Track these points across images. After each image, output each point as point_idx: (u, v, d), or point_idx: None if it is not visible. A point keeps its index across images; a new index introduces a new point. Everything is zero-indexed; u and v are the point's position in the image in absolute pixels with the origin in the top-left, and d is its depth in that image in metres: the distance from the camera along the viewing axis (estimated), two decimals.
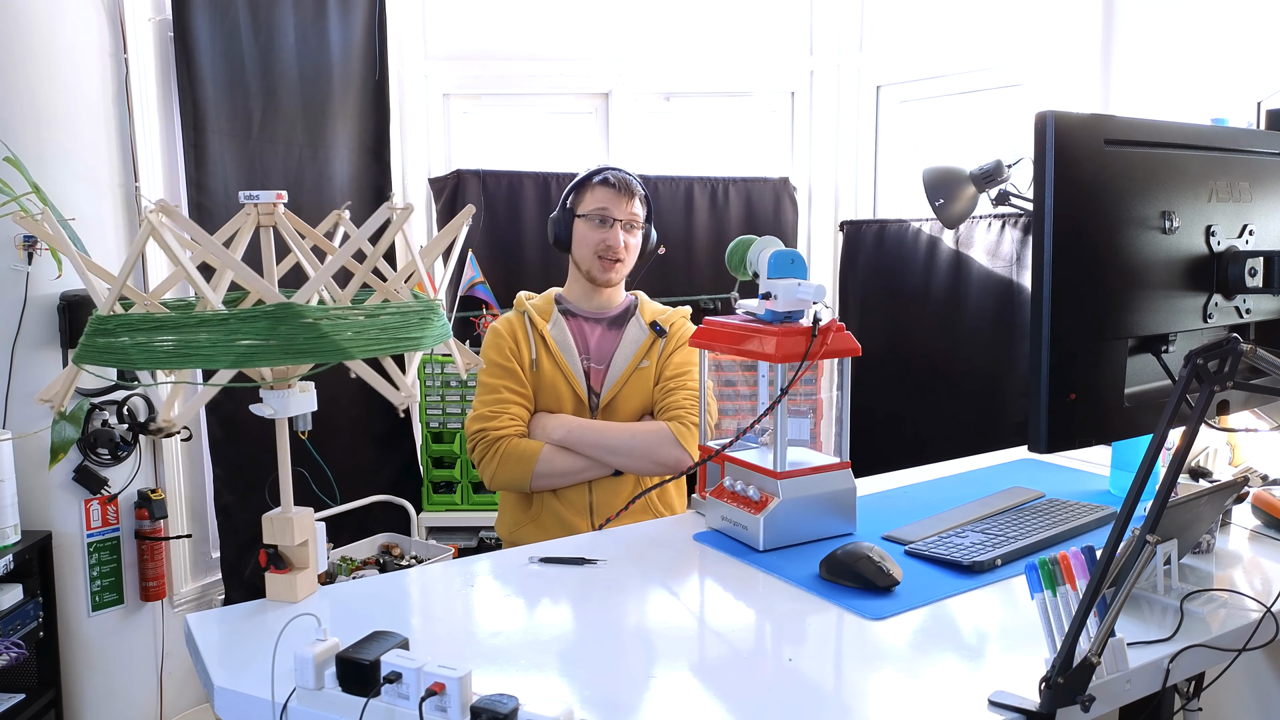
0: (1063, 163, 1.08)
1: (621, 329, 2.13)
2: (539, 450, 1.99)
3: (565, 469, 2.00)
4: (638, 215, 2.09)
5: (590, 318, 2.14)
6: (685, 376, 2.06)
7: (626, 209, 2.06)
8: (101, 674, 2.50)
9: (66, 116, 2.37)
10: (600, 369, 2.10)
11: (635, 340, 2.10)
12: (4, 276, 2.26)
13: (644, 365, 2.08)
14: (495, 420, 2.02)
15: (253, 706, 1.08)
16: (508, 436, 2.00)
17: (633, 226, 2.08)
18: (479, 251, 3.19)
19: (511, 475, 1.99)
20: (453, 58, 3.36)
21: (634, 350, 2.09)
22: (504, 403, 2.03)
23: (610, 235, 2.05)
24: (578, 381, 2.06)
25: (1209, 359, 1.05)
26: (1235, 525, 1.60)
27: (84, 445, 2.40)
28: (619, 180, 2.07)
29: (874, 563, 1.36)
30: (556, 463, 1.99)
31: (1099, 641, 1.00)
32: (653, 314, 2.15)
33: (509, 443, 2.00)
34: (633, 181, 2.09)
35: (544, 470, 1.98)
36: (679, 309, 2.19)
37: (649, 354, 2.09)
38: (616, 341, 2.11)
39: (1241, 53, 2.29)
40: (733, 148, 3.55)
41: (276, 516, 1.35)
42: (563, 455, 1.99)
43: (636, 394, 2.07)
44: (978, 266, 2.93)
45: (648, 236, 2.14)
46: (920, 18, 3.23)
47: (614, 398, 2.07)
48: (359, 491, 2.67)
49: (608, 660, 1.19)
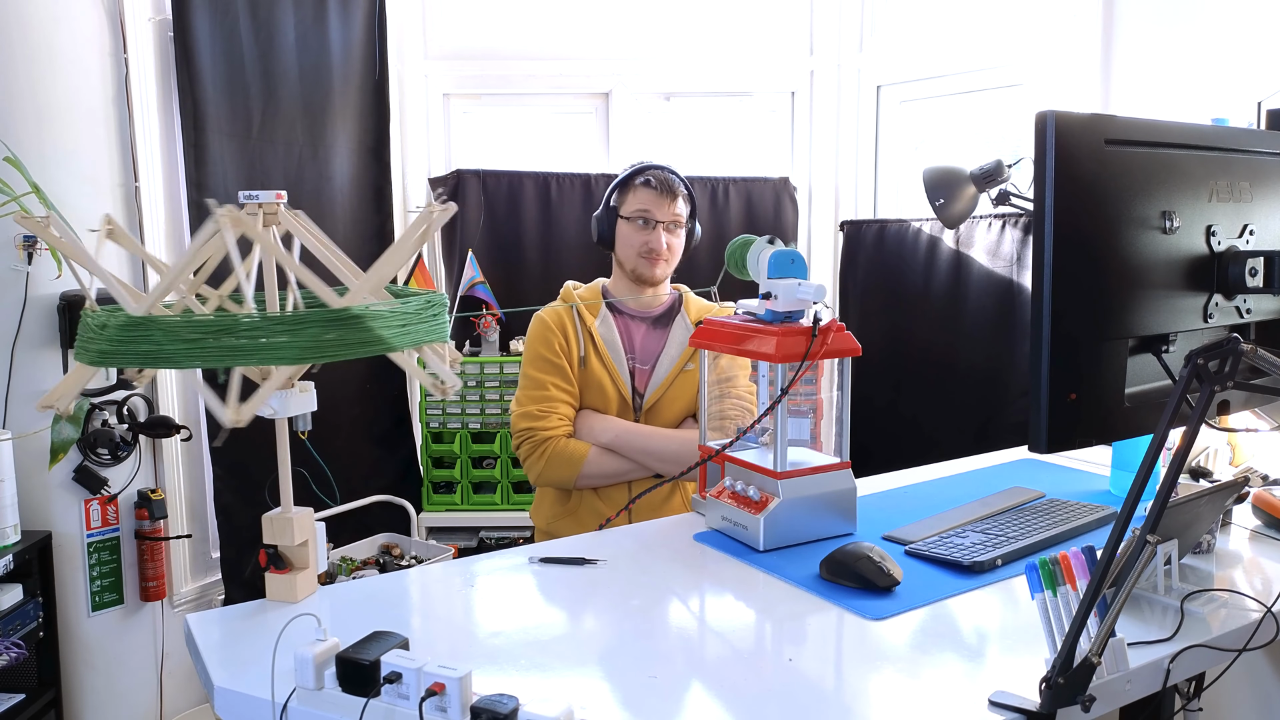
0: (1063, 163, 1.08)
1: (667, 329, 2.11)
2: (586, 453, 1.99)
3: (611, 471, 2.00)
4: (680, 215, 2.08)
5: (635, 315, 2.13)
6: (729, 383, 2.04)
7: (669, 210, 2.05)
8: (101, 674, 2.50)
9: (66, 116, 2.37)
10: (645, 369, 2.09)
11: (681, 341, 2.09)
12: (4, 276, 2.26)
13: (689, 368, 2.07)
14: (544, 420, 2.01)
15: (253, 706, 1.08)
16: (556, 437, 2.00)
17: (675, 227, 2.07)
18: (479, 251, 3.19)
19: (558, 475, 2.00)
20: (453, 58, 3.36)
21: (679, 351, 2.08)
22: (552, 400, 2.03)
23: (653, 237, 2.05)
24: (623, 382, 2.06)
25: (1209, 359, 1.05)
26: (1235, 525, 1.60)
27: (84, 445, 2.40)
28: (660, 181, 2.06)
29: (874, 563, 1.36)
30: (603, 465, 2.00)
31: (1099, 641, 0.99)
32: (698, 312, 2.12)
33: (557, 443, 2.00)
34: (675, 181, 2.08)
35: (590, 472, 1.99)
36: (725, 305, 2.14)
37: (695, 356, 2.06)
38: (662, 342, 2.10)
39: (1241, 53, 2.29)
40: (733, 148, 3.55)
41: (276, 516, 1.35)
42: (609, 458, 2.00)
43: (681, 396, 2.06)
44: (978, 266, 2.93)
45: (691, 233, 2.14)
46: (920, 18, 3.23)
47: (658, 399, 2.06)
48: (359, 491, 2.67)
49: (608, 660, 1.19)
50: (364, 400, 3.05)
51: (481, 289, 3.14)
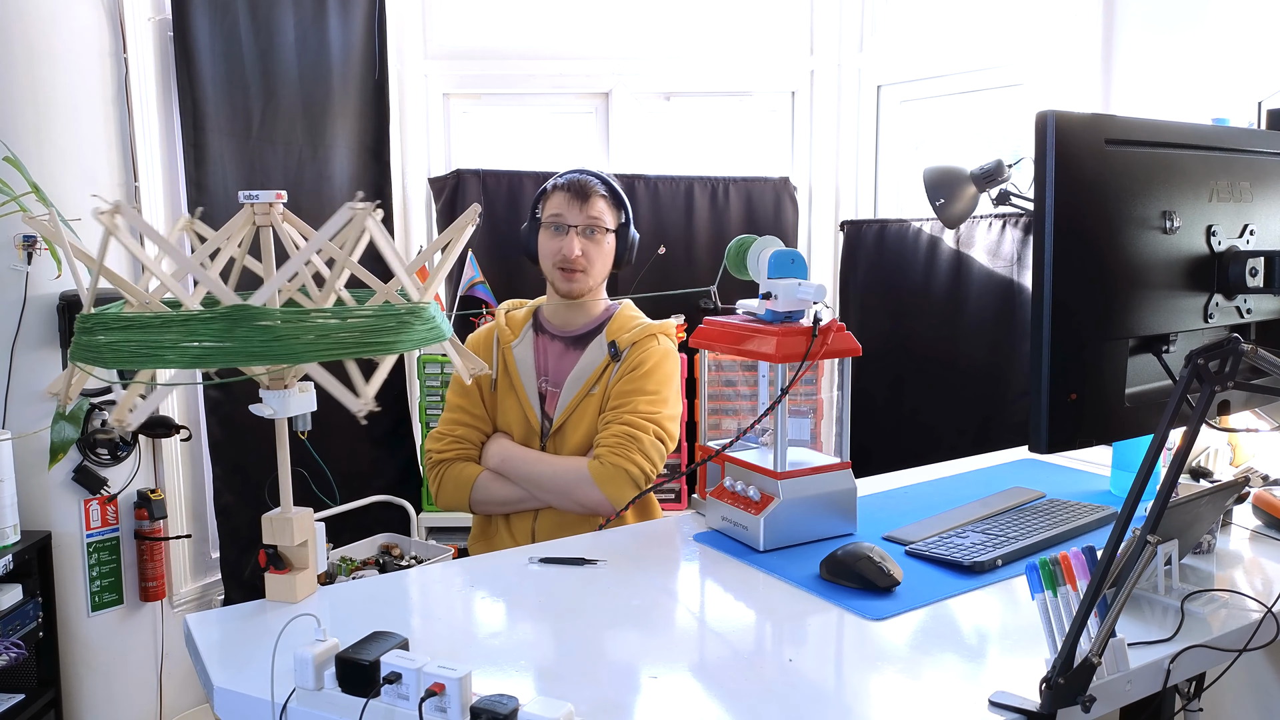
0: (1063, 162, 1.08)
1: (582, 349, 1.98)
2: (475, 476, 1.93)
3: (502, 498, 1.93)
4: (598, 219, 1.93)
5: (557, 335, 2.01)
6: (623, 408, 1.89)
7: (583, 213, 1.92)
8: (101, 674, 2.50)
9: (66, 116, 2.36)
10: (555, 392, 1.97)
11: (591, 362, 1.95)
12: (4, 276, 2.26)
13: (593, 391, 1.93)
14: (441, 442, 1.98)
15: (252, 707, 1.08)
16: (448, 460, 1.96)
17: (593, 231, 1.93)
18: (479, 251, 3.19)
19: (450, 499, 1.96)
20: (453, 57, 3.36)
21: (587, 373, 1.95)
22: (454, 424, 1.99)
23: (565, 243, 1.92)
24: (529, 405, 1.96)
25: (1210, 359, 1.05)
26: (1236, 525, 1.60)
27: (83, 445, 2.40)
28: (573, 183, 1.94)
29: (874, 563, 1.36)
30: (493, 490, 1.93)
31: (1099, 642, 0.99)
32: (619, 331, 1.97)
33: (448, 467, 1.95)
34: (592, 183, 1.95)
35: (480, 497, 1.93)
36: (662, 324, 2.01)
37: (600, 379, 1.94)
38: (574, 362, 1.97)
39: (1241, 53, 2.29)
40: (733, 148, 3.55)
41: (276, 516, 1.35)
42: (499, 483, 1.93)
43: (585, 421, 1.93)
44: (978, 266, 2.93)
45: (623, 239, 1.99)
46: (920, 18, 3.23)
47: (563, 424, 1.94)
48: (359, 491, 2.67)
49: (608, 660, 1.19)
50: None
51: (481, 289, 3.14)
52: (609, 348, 1.95)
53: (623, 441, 1.86)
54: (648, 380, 1.92)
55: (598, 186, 1.96)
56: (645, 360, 1.94)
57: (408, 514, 2.60)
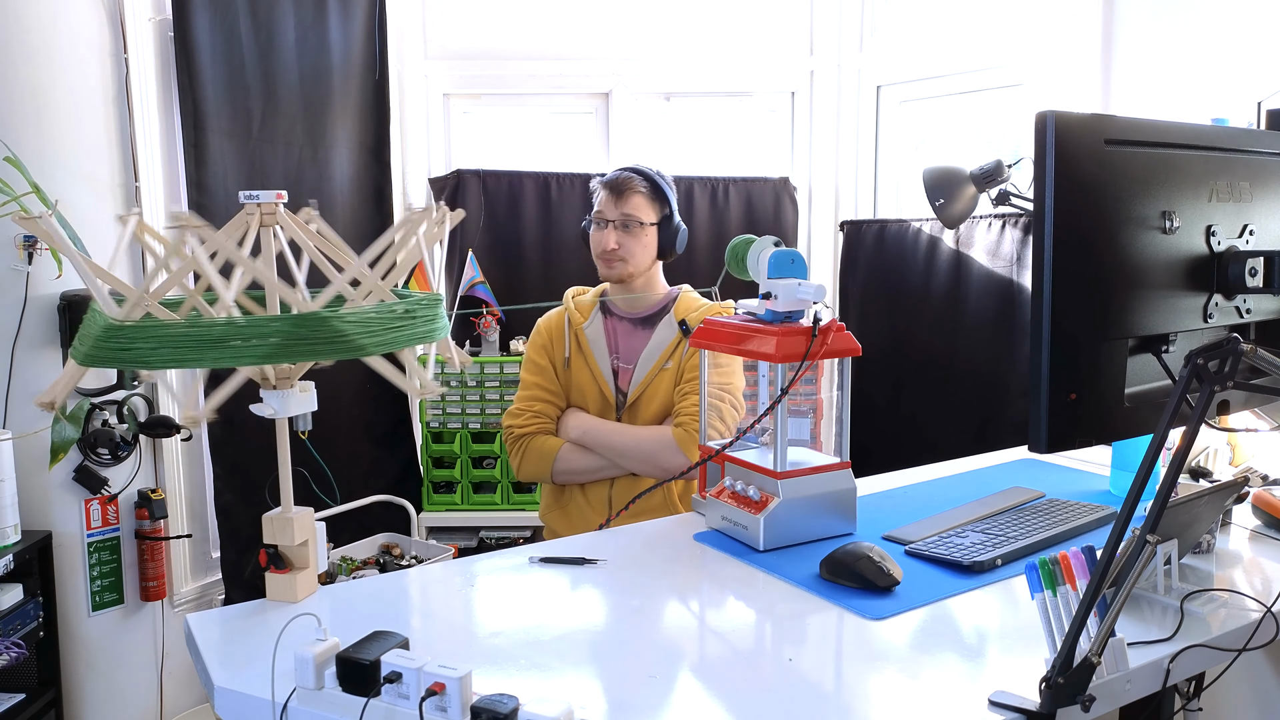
0: (1063, 163, 1.08)
1: (652, 328, 2.14)
2: (558, 448, 2.08)
3: (583, 467, 2.08)
4: (634, 213, 2.09)
5: (625, 316, 2.17)
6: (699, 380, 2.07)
7: (619, 208, 2.09)
8: (101, 674, 2.50)
9: (66, 116, 2.37)
10: (628, 368, 2.13)
11: (663, 340, 2.11)
12: (4, 276, 2.26)
13: (667, 366, 2.09)
14: (520, 418, 2.13)
15: (253, 706, 1.08)
16: (530, 434, 2.11)
17: (628, 225, 2.09)
18: (479, 251, 3.19)
19: (534, 470, 2.11)
20: (453, 58, 3.36)
21: (660, 350, 2.10)
22: (532, 400, 2.14)
23: (604, 237, 2.10)
24: (604, 380, 2.11)
25: (1209, 359, 1.05)
26: (1235, 525, 1.60)
27: (84, 445, 2.40)
28: (612, 181, 2.13)
29: (874, 563, 1.36)
30: (574, 461, 2.08)
31: (1099, 641, 0.99)
32: (686, 311, 2.14)
33: (531, 440, 2.10)
34: (631, 179, 2.11)
35: (563, 468, 2.08)
36: (724, 304, 2.16)
37: (674, 354, 2.09)
38: (645, 341, 2.13)
39: (1241, 53, 2.29)
40: (733, 148, 3.55)
41: (276, 516, 1.35)
42: (581, 454, 2.08)
43: (660, 394, 2.09)
44: (978, 266, 2.93)
45: (665, 229, 2.13)
46: (920, 18, 3.23)
47: (638, 398, 2.09)
48: (359, 491, 2.67)
49: (608, 660, 1.19)
50: (364, 400, 3.05)
51: (481, 289, 3.14)
52: (680, 326, 2.11)
53: (722, 406, 2.03)
54: (718, 354, 2.05)
55: (636, 183, 2.12)
56: None
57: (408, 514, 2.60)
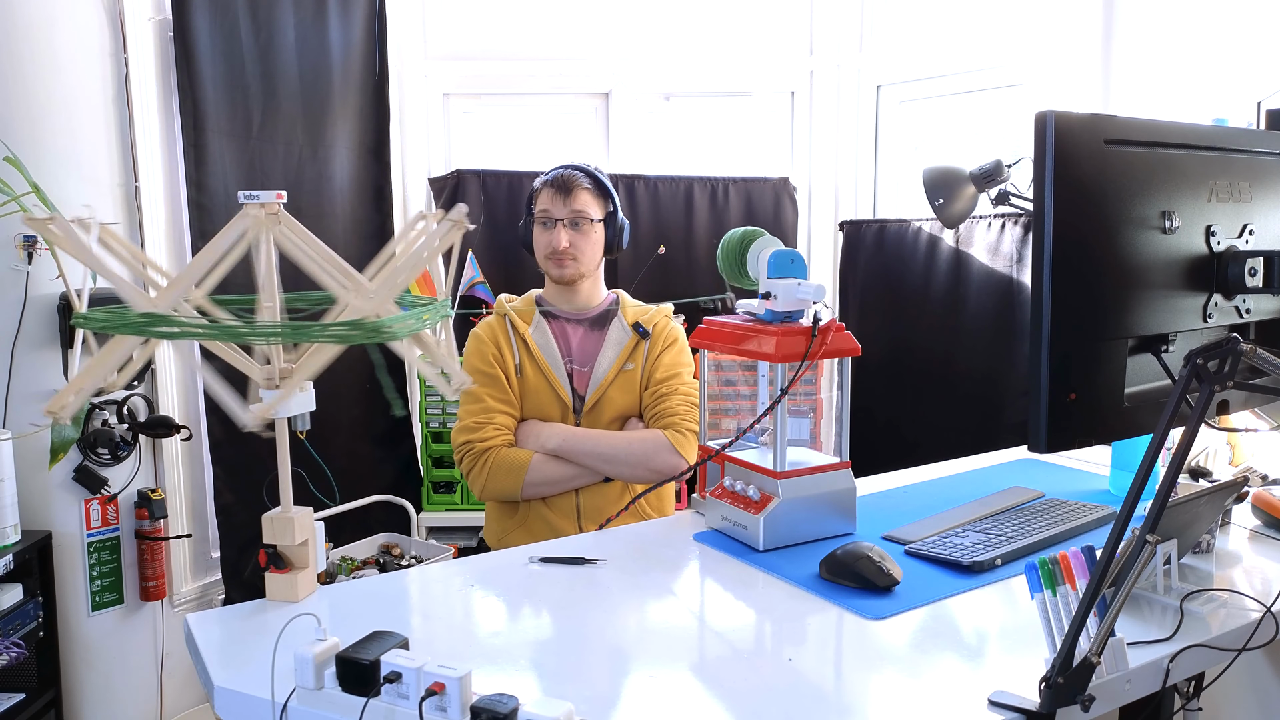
0: (1063, 163, 1.08)
1: (604, 330, 2.10)
2: (529, 460, 1.97)
3: (556, 477, 1.99)
4: (584, 210, 2.03)
5: (571, 319, 2.11)
6: (676, 380, 2.06)
7: (568, 206, 2.03)
8: (101, 674, 2.50)
9: (66, 116, 2.37)
10: (584, 371, 2.07)
11: (618, 342, 2.08)
12: (4, 276, 2.26)
13: (629, 368, 2.06)
14: (481, 431, 2.00)
15: (253, 706, 1.08)
16: (495, 447, 1.99)
17: (578, 223, 2.03)
18: (479, 251, 3.19)
19: (502, 486, 1.98)
20: (453, 58, 3.36)
21: (618, 352, 2.06)
22: (489, 412, 2.01)
23: (553, 236, 2.04)
24: (561, 385, 2.04)
25: (1209, 359, 1.05)
26: (1235, 525, 1.60)
27: (84, 445, 2.40)
28: (558, 178, 2.05)
29: (874, 563, 1.36)
30: (547, 471, 1.98)
31: (1099, 641, 1.00)
32: (635, 315, 2.11)
33: (497, 453, 1.98)
34: (576, 177, 2.04)
35: (535, 479, 1.97)
36: (661, 307, 2.15)
37: (633, 356, 2.07)
38: (600, 343, 2.08)
39: (1241, 53, 2.29)
40: (733, 148, 3.55)
41: (276, 516, 1.35)
42: (554, 464, 1.98)
43: (621, 396, 2.05)
44: (978, 266, 2.93)
45: (612, 226, 2.08)
46: (920, 18, 3.23)
47: (598, 400, 2.04)
48: (359, 491, 2.67)
49: (608, 660, 1.19)
50: (364, 400, 3.05)
51: (481, 289, 3.14)
52: (635, 328, 2.09)
53: (690, 409, 2.03)
54: (682, 354, 2.11)
55: (581, 180, 2.06)
56: (678, 336, 2.13)
57: (408, 514, 2.60)
